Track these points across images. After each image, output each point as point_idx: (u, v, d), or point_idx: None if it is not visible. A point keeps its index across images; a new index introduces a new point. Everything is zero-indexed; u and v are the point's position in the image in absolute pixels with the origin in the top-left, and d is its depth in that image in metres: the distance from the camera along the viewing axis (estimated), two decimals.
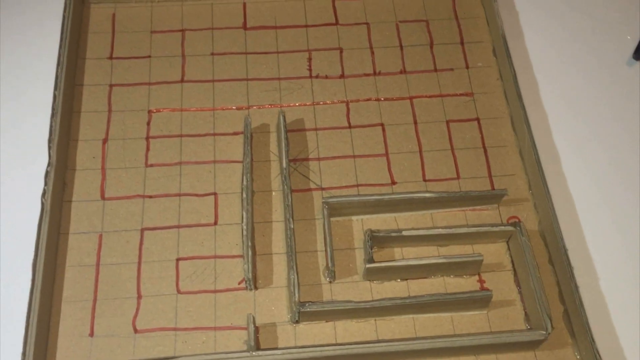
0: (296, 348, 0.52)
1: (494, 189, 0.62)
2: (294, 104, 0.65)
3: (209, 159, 0.62)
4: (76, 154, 0.62)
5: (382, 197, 0.59)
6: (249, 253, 0.55)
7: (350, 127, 0.65)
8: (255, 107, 0.65)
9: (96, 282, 0.56)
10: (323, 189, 0.61)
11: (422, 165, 0.63)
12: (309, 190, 0.61)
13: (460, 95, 0.67)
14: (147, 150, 0.62)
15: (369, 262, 0.56)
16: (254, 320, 0.54)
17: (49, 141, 0.59)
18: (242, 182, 0.60)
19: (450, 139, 0.64)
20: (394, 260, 0.58)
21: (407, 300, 0.54)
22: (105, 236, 0.58)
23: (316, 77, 0.67)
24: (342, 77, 0.67)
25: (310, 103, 0.66)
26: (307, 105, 0.65)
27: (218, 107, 0.65)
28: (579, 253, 0.59)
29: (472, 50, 0.69)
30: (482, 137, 0.65)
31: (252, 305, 0.56)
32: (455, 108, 0.66)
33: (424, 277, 0.58)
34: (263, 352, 0.51)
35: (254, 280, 0.56)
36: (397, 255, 0.59)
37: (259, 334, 0.55)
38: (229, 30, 0.69)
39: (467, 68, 0.68)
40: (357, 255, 0.58)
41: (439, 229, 0.58)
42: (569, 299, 0.56)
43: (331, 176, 0.62)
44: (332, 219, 0.59)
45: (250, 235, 0.57)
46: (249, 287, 0.56)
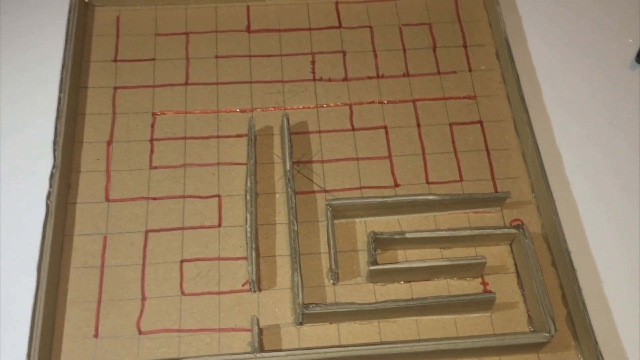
0: (300, 350, 0.52)
1: (497, 192, 0.62)
2: (297, 107, 0.66)
3: (213, 161, 0.62)
4: (81, 156, 0.62)
5: (386, 200, 0.59)
6: (253, 255, 0.56)
7: (353, 129, 0.65)
8: (259, 110, 0.65)
9: (101, 283, 0.56)
10: (326, 191, 0.61)
11: (425, 167, 0.63)
12: (313, 192, 0.61)
13: (463, 98, 0.67)
14: (152, 152, 0.62)
15: (372, 264, 0.56)
16: (257, 321, 0.54)
17: (54, 143, 0.59)
18: (245, 184, 0.60)
19: (453, 142, 0.64)
20: (397, 262, 0.58)
21: (410, 303, 0.54)
22: (109, 238, 0.58)
23: (319, 80, 0.67)
24: (346, 79, 0.67)
25: (313, 105, 0.66)
26: (310, 107, 0.66)
27: (222, 110, 0.65)
28: (581, 256, 0.59)
29: (475, 54, 0.69)
30: (485, 139, 0.65)
31: (255, 307, 0.56)
32: (458, 111, 0.66)
33: (427, 279, 0.58)
34: (267, 353, 0.52)
35: (258, 282, 0.57)
36: (400, 258, 0.59)
37: (262, 336, 0.55)
38: (232, 33, 0.69)
39: (470, 71, 0.68)
40: (361, 258, 0.58)
41: (442, 231, 0.58)
42: (572, 302, 0.56)
43: (334, 178, 0.62)
44: (335, 221, 0.59)
45: (254, 237, 0.57)
46: (253, 288, 0.56)
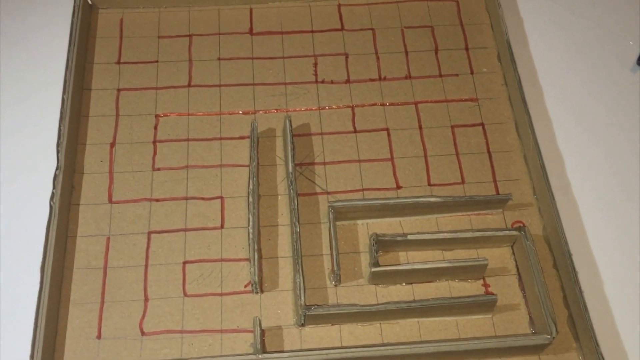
0: (302, 351, 0.53)
1: (498, 194, 0.62)
2: (300, 109, 0.66)
3: (216, 163, 0.62)
4: (84, 157, 0.62)
5: (388, 202, 0.59)
6: (255, 256, 0.56)
7: (355, 131, 0.65)
8: (262, 112, 0.66)
9: (103, 284, 0.57)
10: (329, 193, 0.61)
11: (427, 169, 0.63)
12: (315, 194, 0.61)
13: (465, 100, 0.67)
14: (154, 154, 0.63)
15: (374, 265, 0.56)
16: (260, 323, 0.54)
17: (58, 145, 0.59)
18: (248, 186, 0.60)
19: (455, 144, 0.65)
20: (399, 264, 0.58)
21: (412, 304, 0.54)
22: (112, 239, 0.58)
23: (322, 82, 0.67)
24: (348, 82, 0.68)
25: (316, 108, 0.66)
26: (313, 109, 0.66)
27: (225, 112, 0.65)
28: (583, 258, 0.59)
29: (476, 56, 0.70)
30: (486, 142, 0.65)
31: (258, 308, 0.56)
32: (460, 113, 0.66)
33: (429, 281, 0.58)
34: (269, 354, 0.52)
35: (260, 283, 0.57)
36: (402, 259, 0.59)
37: (264, 337, 0.55)
38: (235, 35, 0.69)
39: (471, 74, 0.69)
40: (363, 259, 0.59)
41: (444, 233, 0.58)
42: (573, 304, 0.56)
43: (337, 180, 0.62)
44: (337, 222, 0.60)
45: (257, 238, 0.57)
46: (255, 290, 0.56)
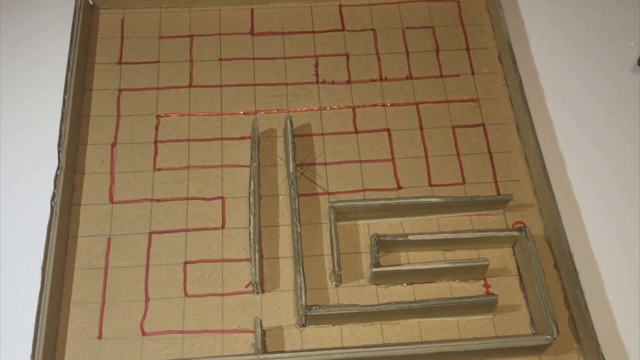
0: (303, 351, 0.53)
1: (499, 194, 0.62)
2: (300, 109, 0.66)
3: (217, 163, 0.62)
4: (85, 157, 0.62)
5: (389, 202, 0.59)
6: (256, 257, 0.56)
7: (356, 132, 0.65)
8: (263, 112, 0.66)
9: (104, 284, 0.57)
10: (329, 194, 0.62)
11: (428, 170, 0.63)
12: (316, 194, 0.62)
13: (466, 101, 0.67)
14: (155, 154, 0.63)
15: (375, 266, 0.56)
16: (261, 323, 0.54)
17: (59, 145, 0.59)
18: (249, 186, 0.60)
19: (456, 145, 0.65)
20: (400, 264, 0.58)
21: (413, 305, 0.54)
22: (113, 239, 0.58)
23: (323, 83, 0.67)
24: (349, 82, 0.68)
25: (317, 108, 0.66)
26: (314, 110, 0.66)
27: (226, 112, 0.65)
28: (584, 258, 0.59)
29: (477, 57, 0.70)
30: (487, 142, 0.65)
31: (259, 308, 0.56)
32: (461, 114, 0.66)
33: (429, 282, 0.58)
34: (270, 355, 0.52)
35: (261, 283, 0.57)
36: (403, 260, 0.59)
37: (265, 337, 0.55)
38: (236, 35, 0.70)
39: (472, 74, 0.69)
40: (364, 260, 0.59)
41: (445, 233, 0.58)
42: (574, 304, 0.56)
43: (338, 181, 0.62)
44: (338, 223, 0.60)
45: (258, 239, 0.57)
46: (256, 290, 0.56)
